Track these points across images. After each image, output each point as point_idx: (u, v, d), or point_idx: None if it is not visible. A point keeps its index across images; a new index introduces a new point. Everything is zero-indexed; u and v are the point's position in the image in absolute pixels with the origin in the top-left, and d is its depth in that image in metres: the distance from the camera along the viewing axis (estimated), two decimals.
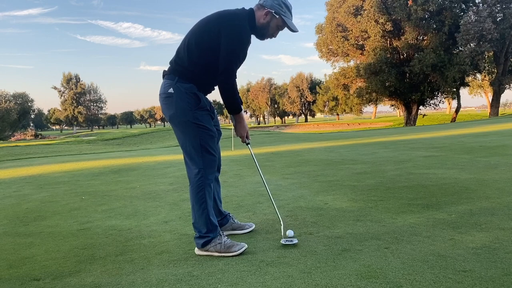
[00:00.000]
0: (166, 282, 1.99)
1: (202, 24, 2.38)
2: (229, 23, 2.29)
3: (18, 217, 3.71)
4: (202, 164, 2.38)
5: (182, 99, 2.34)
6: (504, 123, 15.06)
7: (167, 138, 21.26)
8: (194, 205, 2.41)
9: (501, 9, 27.89)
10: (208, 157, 2.40)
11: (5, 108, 53.02)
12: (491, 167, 4.78)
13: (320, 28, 34.75)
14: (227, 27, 2.27)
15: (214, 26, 2.30)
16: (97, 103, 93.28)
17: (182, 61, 2.38)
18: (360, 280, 1.85)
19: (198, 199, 2.39)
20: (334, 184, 4.34)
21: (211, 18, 2.37)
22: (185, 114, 2.34)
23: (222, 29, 2.27)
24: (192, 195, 2.41)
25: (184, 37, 2.45)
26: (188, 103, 2.34)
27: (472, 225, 2.58)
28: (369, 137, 12.13)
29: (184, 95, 2.34)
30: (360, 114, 75.06)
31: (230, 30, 2.27)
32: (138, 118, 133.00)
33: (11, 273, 2.27)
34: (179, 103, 2.34)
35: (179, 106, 2.34)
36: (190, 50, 2.36)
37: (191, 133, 2.36)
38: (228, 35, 2.27)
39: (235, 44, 2.28)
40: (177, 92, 2.34)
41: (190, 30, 2.44)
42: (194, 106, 2.36)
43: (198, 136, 2.36)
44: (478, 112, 64.39)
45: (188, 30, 2.45)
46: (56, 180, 6.15)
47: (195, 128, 2.35)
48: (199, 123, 2.36)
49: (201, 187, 2.38)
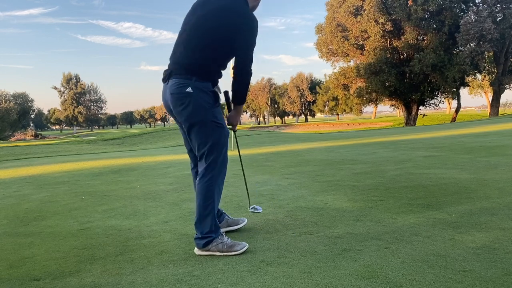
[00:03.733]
0: (166, 282, 1.99)
1: (213, 19, 2.34)
2: (246, 17, 2.34)
3: (18, 217, 3.71)
4: (217, 162, 2.40)
5: (202, 98, 2.33)
6: (504, 123, 15.06)
7: (167, 138, 21.26)
8: (201, 203, 2.38)
9: (501, 9, 27.89)
10: (222, 156, 2.43)
11: (5, 108, 53.03)
12: (491, 167, 4.78)
13: (320, 28, 34.74)
14: (246, 23, 2.32)
15: (230, 22, 2.32)
16: (97, 103, 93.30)
17: (196, 59, 2.35)
18: (360, 280, 1.85)
19: (207, 198, 2.38)
20: (334, 184, 4.34)
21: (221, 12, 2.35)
22: (206, 113, 2.33)
23: (242, 25, 2.31)
24: (201, 192, 2.39)
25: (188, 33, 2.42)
26: (207, 102, 2.35)
27: (472, 225, 2.58)
28: (369, 137, 12.13)
29: (204, 94, 2.34)
30: (360, 114, 75.07)
31: (250, 24, 2.33)
32: (138, 118, 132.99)
33: (11, 273, 2.27)
34: (199, 102, 2.32)
35: (200, 106, 2.32)
36: (204, 46, 2.34)
37: (210, 132, 2.36)
38: (249, 30, 2.33)
39: (254, 37, 2.36)
40: (197, 91, 2.32)
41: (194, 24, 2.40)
42: (213, 105, 2.37)
43: (216, 135, 2.38)
44: (478, 112, 64.35)
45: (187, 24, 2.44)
46: (56, 180, 6.15)
47: (215, 127, 2.37)
48: (218, 122, 2.38)
49: (212, 186, 2.39)
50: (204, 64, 2.36)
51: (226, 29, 2.32)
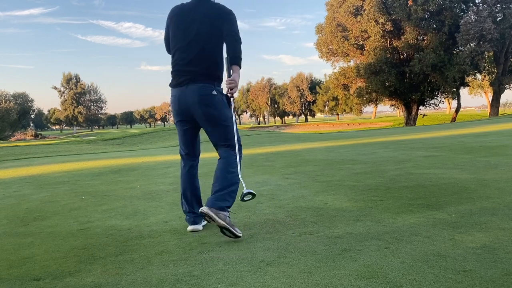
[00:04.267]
0: (166, 282, 1.99)
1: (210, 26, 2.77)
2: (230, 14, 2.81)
3: (18, 217, 3.71)
4: (239, 151, 2.80)
5: (223, 100, 2.78)
6: (504, 123, 15.06)
7: (167, 138, 21.26)
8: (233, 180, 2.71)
9: (501, 9, 27.89)
10: (240, 145, 2.85)
11: (5, 108, 53.04)
12: (491, 167, 4.78)
13: (320, 28, 34.74)
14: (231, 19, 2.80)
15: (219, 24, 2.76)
16: (97, 103, 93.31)
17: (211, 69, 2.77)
18: (360, 280, 1.85)
19: (233, 178, 2.72)
20: (334, 184, 4.34)
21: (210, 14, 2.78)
22: (228, 111, 2.79)
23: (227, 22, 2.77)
24: (228, 172, 2.73)
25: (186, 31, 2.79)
26: (226, 104, 2.79)
27: (472, 225, 2.58)
28: (369, 137, 12.13)
29: (224, 97, 2.78)
30: (360, 114, 75.07)
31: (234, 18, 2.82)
32: (138, 118, 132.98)
33: (11, 273, 2.27)
34: (223, 103, 2.77)
35: (224, 106, 2.77)
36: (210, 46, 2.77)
37: (232, 126, 2.78)
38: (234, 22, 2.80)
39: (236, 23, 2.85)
40: (220, 95, 2.76)
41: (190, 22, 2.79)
42: (228, 105, 2.80)
43: (235, 128, 2.79)
44: (478, 112, 64.30)
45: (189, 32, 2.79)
46: (56, 180, 6.15)
47: (234, 123, 2.81)
48: (233, 118, 2.84)
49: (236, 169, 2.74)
50: (216, 71, 2.80)
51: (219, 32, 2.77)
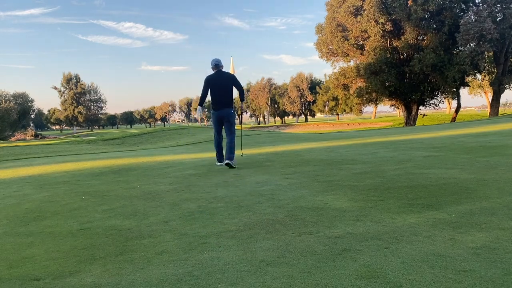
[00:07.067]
0: (166, 282, 1.99)
1: (227, 80, 6.62)
2: (235, 77, 6.83)
3: (18, 217, 3.71)
4: (234, 132, 6.66)
5: (235, 114, 6.84)
6: (504, 123, 15.06)
7: (167, 138, 21.25)
8: (233, 146, 6.42)
9: (501, 9, 27.86)
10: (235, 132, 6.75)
11: (5, 108, 53.01)
12: (491, 167, 4.78)
13: (320, 28, 34.72)
14: (236, 78, 6.79)
15: (231, 80, 6.65)
16: (97, 103, 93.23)
17: (229, 101, 6.59)
18: (360, 280, 1.85)
19: (233, 145, 6.47)
20: (334, 184, 4.34)
21: (228, 78, 6.67)
22: (234, 118, 6.78)
23: (235, 81, 6.72)
24: (233, 142, 6.47)
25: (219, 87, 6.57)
26: (235, 116, 6.99)
27: (472, 225, 2.58)
28: (369, 137, 12.12)
29: (235, 112, 7.13)
30: (360, 114, 75.10)
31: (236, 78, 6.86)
32: (138, 118, 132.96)
33: (11, 273, 2.27)
34: (234, 116, 6.75)
35: (234, 118, 6.75)
36: (230, 92, 6.64)
37: (235, 126, 6.73)
38: (237, 80, 6.79)
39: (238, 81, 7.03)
40: (234, 112, 6.77)
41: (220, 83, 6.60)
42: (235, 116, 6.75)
43: (234, 124, 6.76)
44: (478, 112, 64.25)
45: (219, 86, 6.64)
46: (56, 180, 6.15)
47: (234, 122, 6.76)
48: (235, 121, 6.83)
49: (234, 140, 6.55)
50: (231, 101, 6.59)
51: (233, 83, 6.67)
